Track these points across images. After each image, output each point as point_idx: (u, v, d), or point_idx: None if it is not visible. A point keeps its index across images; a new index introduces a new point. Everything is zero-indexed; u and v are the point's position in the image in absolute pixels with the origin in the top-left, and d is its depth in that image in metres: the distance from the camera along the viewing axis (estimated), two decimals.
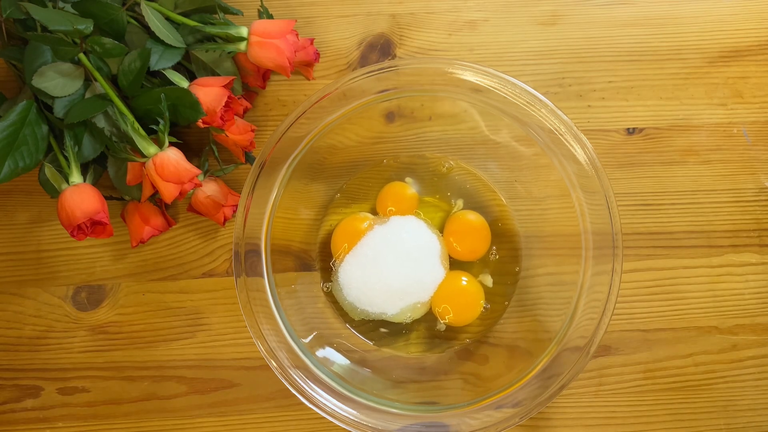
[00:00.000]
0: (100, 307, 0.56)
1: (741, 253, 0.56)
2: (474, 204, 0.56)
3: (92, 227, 0.49)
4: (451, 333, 0.55)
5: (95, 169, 0.52)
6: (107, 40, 0.48)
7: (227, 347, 0.56)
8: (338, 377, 0.47)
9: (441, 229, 0.55)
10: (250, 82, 0.56)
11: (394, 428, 0.45)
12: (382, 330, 0.54)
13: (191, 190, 0.52)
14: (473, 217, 0.55)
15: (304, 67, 0.57)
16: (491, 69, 0.48)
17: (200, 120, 0.49)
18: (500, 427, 0.45)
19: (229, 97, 0.49)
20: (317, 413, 0.46)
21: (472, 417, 0.46)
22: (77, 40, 0.48)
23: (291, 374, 0.45)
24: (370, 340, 0.54)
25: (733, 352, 0.55)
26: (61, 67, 0.49)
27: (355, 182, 0.57)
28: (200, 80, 0.50)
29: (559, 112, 0.47)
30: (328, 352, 0.51)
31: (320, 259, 0.56)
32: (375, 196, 0.56)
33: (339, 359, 0.51)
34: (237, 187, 0.56)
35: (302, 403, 0.47)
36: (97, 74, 0.49)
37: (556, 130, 0.47)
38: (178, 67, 0.52)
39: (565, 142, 0.47)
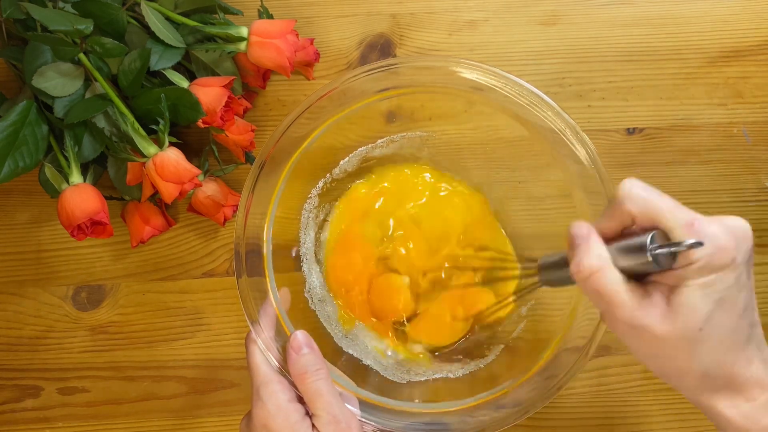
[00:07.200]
0: (100, 307, 0.56)
1: None
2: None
3: (92, 227, 0.49)
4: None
5: (95, 169, 0.52)
6: (107, 40, 0.48)
7: (227, 347, 0.56)
8: (339, 376, 0.47)
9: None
10: (250, 82, 0.56)
11: (394, 426, 0.45)
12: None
13: (191, 190, 0.52)
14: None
15: (304, 67, 0.57)
16: (494, 68, 0.47)
17: (200, 120, 0.49)
18: (500, 426, 0.44)
19: (229, 97, 0.49)
20: None
21: (472, 416, 0.46)
22: (77, 40, 0.48)
23: None
24: None
25: None
26: (61, 67, 0.49)
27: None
28: (200, 80, 0.50)
29: (562, 113, 0.47)
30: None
31: None
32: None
33: (339, 358, 0.52)
34: (237, 187, 0.56)
35: None
36: (97, 74, 0.49)
37: (559, 130, 0.47)
38: (178, 67, 0.52)
39: (567, 142, 0.47)
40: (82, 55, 0.49)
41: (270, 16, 0.56)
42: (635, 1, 0.59)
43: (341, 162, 0.54)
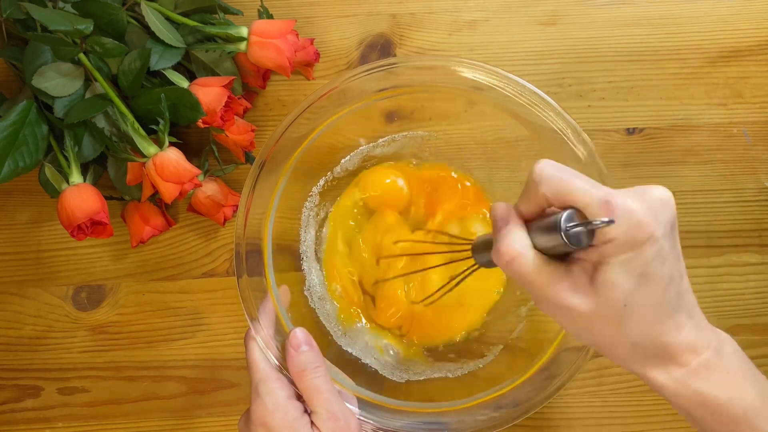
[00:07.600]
0: (100, 307, 0.56)
1: (741, 253, 0.56)
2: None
3: (92, 227, 0.49)
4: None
5: (95, 169, 0.52)
6: (107, 40, 0.48)
7: (227, 347, 0.56)
8: (338, 374, 0.47)
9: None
10: (250, 82, 0.56)
11: (393, 426, 0.45)
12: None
13: (191, 190, 0.52)
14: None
15: (304, 67, 0.57)
16: (495, 68, 0.47)
17: (200, 120, 0.49)
18: (499, 426, 0.44)
19: (229, 97, 0.49)
20: None
21: (472, 415, 0.46)
22: (77, 40, 0.48)
23: None
24: None
25: None
26: (61, 67, 0.49)
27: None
28: (200, 80, 0.50)
29: (563, 112, 0.47)
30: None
31: None
32: None
33: (339, 357, 0.52)
34: (237, 187, 0.56)
35: None
36: (97, 74, 0.49)
37: (559, 130, 0.47)
38: (178, 67, 0.52)
39: (567, 142, 0.47)
40: (82, 55, 0.49)
41: (270, 16, 0.56)
42: (635, 1, 0.59)
43: (342, 161, 0.54)
